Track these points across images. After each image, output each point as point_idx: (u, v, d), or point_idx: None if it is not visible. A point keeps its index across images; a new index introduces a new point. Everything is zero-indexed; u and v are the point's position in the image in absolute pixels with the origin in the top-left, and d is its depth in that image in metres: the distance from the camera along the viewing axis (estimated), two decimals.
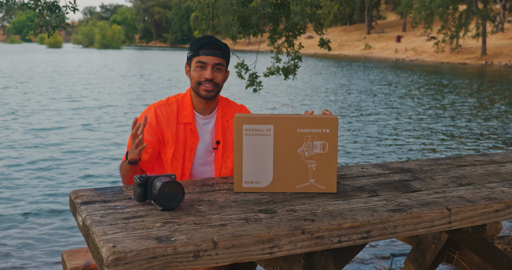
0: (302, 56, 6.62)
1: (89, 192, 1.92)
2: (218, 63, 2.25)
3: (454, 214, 1.79)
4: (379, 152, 8.48)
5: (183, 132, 2.29)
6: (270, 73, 6.65)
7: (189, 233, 1.50)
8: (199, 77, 2.25)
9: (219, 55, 2.25)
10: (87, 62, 36.94)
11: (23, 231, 4.69)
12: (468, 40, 45.19)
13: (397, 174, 2.29)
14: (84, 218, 1.65)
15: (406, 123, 11.71)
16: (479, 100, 16.58)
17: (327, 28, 77.13)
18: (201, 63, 2.24)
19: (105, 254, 1.35)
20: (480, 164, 2.52)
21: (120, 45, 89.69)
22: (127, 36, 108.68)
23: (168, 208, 1.71)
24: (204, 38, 2.27)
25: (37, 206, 5.39)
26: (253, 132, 1.93)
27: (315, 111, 11.77)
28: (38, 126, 10.47)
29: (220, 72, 2.27)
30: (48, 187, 6.14)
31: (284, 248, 1.53)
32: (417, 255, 2.87)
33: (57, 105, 13.99)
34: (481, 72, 31.09)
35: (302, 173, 1.95)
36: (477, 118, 12.60)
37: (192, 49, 2.29)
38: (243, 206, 1.78)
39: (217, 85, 2.27)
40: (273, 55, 6.68)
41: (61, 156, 7.77)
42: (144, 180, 1.77)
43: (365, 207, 1.78)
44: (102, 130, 10.11)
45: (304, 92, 18.69)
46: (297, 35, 6.37)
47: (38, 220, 4.99)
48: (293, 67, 6.62)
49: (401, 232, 1.70)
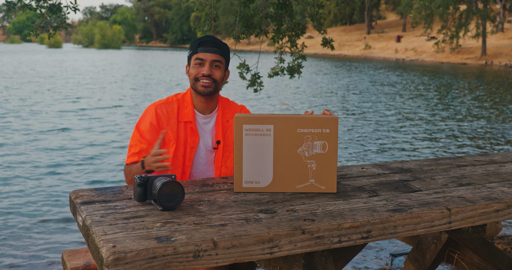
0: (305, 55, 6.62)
1: (89, 192, 1.92)
2: (216, 59, 2.26)
3: (454, 214, 1.79)
4: (379, 152, 8.48)
5: (184, 130, 2.29)
6: (275, 73, 6.65)
7: (189, 233, 1.50)
8: (196, 73, 2.26)
9: (217, 52, 2.26)
10: (88, 62, 36.92)
11: (23, 231, 4.69)
12: (468, 40, 45.20)
13: (397, 174, 2.29)
14: (84, 218, 1.65)
15: (406, 123, 11.71)
16: (479, 100, 16.58)
17: (327, 28, 77.04)
18: (199, 60, 2.25)
19: (105, 254, 1.35)
20: (480, 164, 2.52)
21: (120, 45, 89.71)
22: (127, 36, 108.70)
23: (168, 208, 1.71)
24: (203, 37, 2.30)
25: (37, 206, 5.40)
26: (253, 132, 1.93)
27: (315, 111, 11.78)
28: (38, 126, 10.47)
29: (218, 69, 2.27)
30: (48, 187, 6.14)
31: (284, 248, 1.53)
32: (417, 255, 2.87)
33: (58, 106, 13.99)
34: (481, 72, 31.10)
35: (302, 173, 1.95)
36: (477, 118, 12.60)
37: (191, 48, 2.31)
38: (243, 206, 1.78)
39: (215, 81, 2.27)
40: (277, 56, 6.69)
41: (61, 156, 7.76)
42: (144, 180, 1.77)
43: (365, 207, 1.78)
44: (103, 131, 10.11)
45: (304, 92, 18.69)
46: (299, 34, 6.36)
47: (38, 220, 4.99)
48: (297, 67, 6.62)
49: (401, 232, 1.70)
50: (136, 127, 2.31)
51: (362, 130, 10.64)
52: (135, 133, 2.29)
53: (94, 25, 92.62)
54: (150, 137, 2.26)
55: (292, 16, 6.31)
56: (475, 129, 10.97)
